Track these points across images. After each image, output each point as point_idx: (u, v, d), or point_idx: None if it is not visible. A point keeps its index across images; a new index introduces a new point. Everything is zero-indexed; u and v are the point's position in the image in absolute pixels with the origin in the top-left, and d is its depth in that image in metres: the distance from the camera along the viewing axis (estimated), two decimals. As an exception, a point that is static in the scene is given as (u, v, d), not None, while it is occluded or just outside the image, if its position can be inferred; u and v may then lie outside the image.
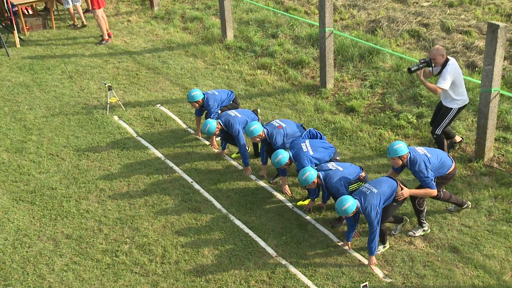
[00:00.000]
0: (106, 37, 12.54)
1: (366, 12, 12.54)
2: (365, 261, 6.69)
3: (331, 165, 7.07)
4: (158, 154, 8.87)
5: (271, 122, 8.12)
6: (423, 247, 6.82)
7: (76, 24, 13.44)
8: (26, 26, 13.12)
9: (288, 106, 9.89)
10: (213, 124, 8.22)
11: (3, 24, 12.90)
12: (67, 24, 13.62)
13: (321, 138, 7.89)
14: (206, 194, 7.98)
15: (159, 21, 13.61)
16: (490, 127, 7.83)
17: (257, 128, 7.83)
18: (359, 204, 6.43)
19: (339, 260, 6.73)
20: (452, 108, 7.75)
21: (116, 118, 9.85)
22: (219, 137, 8.87)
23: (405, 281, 6.41)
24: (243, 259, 6.87)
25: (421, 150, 6.75)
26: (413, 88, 9.74)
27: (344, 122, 9.26)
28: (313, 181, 6.94)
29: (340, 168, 7.00)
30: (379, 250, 6.73)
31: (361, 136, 8.90)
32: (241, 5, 13.65)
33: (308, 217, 7.42)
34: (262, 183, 8.14)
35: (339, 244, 6.96)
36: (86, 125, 9.70)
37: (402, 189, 6.62)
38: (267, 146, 8.06)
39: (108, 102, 9.97)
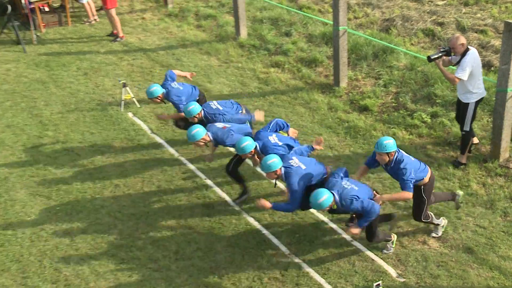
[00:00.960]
0: (121, 34, 12.59)
1: (380, 10, 12.48)
2: (379, 260, 6.65)
3: (294, 162, 6.69)
4: (172, 151, 8.89)
5: (215, 124, 7.63)
6: (437, 247, 6.77)
7: (91, 21, 13.52)
8: (42, 23, 13.19)
9: (302, 104, 9.87)
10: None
11: (20, 21, 12.97)
12: (82, 21, 13.68)
13: (287, 127, 7.62)
14: (219, 191, 7.98)
15: (173, 19, 13.63)
16: (505, 127, 7.76)
17: (199, 131, 7.36)
18: (337, 198, 6.21)
19: (352, 259, 6.71)
20: (469, 103, 7.69)
21: (130, 114, 9.88)
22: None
23: (419, 281, 6.37)
24: (256, 256, 6.87)
25: (404, 152, 6.56)
26: (427, 87, 9.68)
27: (358, 121, 9.22)
28: (275, 171, 6.59)
29: (303, 166, 6.64)
30: (389, 250, 6.71)
31: (374, 135, 8.86)
32: (255, 3, 13.64)
33: (321, 216, 7.40)
34: (275, 180, 8.11)
35: (352, 242, 6.93)
36: (101, 121, 9.74)
37: (375, 196, 6.42)
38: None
39: (123, 99, 10.00)
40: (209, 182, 8.18)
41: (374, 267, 6.57)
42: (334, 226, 7.23)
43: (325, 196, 6.13)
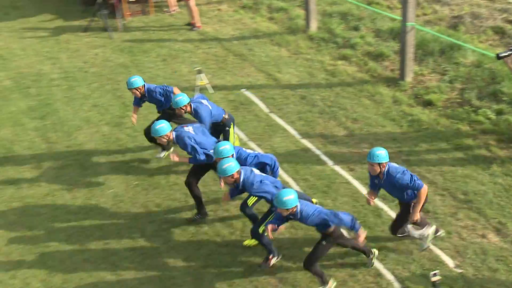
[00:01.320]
0: (199, 24, 12.78)
1: (449, 8, 12.05)
2: (437, 250, 6.50)
3: (257, 171, 6.35)
4: (241, 135, 8.98)
5: (185, 128, 7.14)
6: (497, 241, 6.54)
7: (171, 11, 13.79)
8: (127, 12, 13.58)
9: (367, 96, 9.72)
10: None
11: (108, 10, 13.39)
12: (164, 11, 13.96)
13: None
14: (284, 175, 8.01)
15: (247, 11, 13.68)
16: None
17: (164, 127, 7.02)
18: (299, 208, 5.73)
19: (410, 248, 6.59)
20: None
21: (204, 100, 10.03)
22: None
23: (476, 273, 6.19)
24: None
25: (396, 165, 6.23)
26: (494, 84, 9.30)
27: (422, 115, 9.00)
28: (232, 175, 6.14)
29: (264, 175, 6.32)
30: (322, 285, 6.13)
31: (438, 129, 8.62)
32: (326, -3, 13.48)
33: (382, 204, 7.30)
34: (339, 168, 8.07)
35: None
36: (177, 105, 9.94)
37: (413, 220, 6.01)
38: None
39: (197, 85, 10.17)
40: (275, 166, 8.22)
41: (432, 257, 6.43)
42: (394, 215, 7.12)
43: (292, 196, 5.67)
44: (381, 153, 6.02)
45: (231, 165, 6.14)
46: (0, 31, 13.29)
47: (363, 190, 7.58)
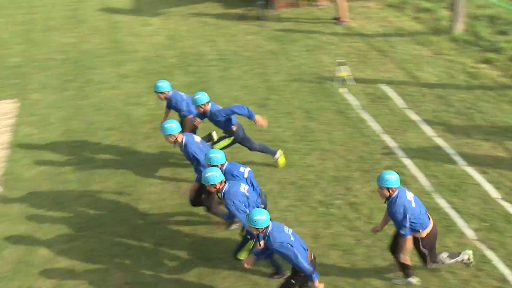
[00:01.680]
0: (346, 19, 12.60)
1: None
2: None
3: (243, 187, 5.87)
4: (376, 127, 8.78)
5: (194, 135, 6.83)
6: None
7: (320, 5, 13.75)
8: (280, 3, 13.80)
9: (508, 102, 8.98)
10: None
11: (264, 1, 13.70)
12: (313, 5, 13.96)
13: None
14: (415, 170, 7.72)
15: (393, 9, 13.22)
16: None
17: (173, 127, 6.66)
18: (269, 229, 5.26)
19: (541, 259, 6.05)
20: None
21: (343, 90, 9.94)
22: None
23: None
24: (441, 235, 6.53)
25: (410, 195, 5.50)
26: None
27: None
28: (214, 185, 5.78)
29: (247, 194, 5.85)
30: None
31: None
32: (475, 0, 12.56)
33: (513, 211, 6.75)
34: (471, 170, 7.59)
35: None
36: (317, 92, 9.97)
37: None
38: None
39: (339, 76, 10.08)
40: (406, 161, 7.94)
41: None
42: (525, 224, 6.57)
43: (263, 217, 5.22)
44: (391, 178, 5.42)
45: (214, 175, 5.78)
46: (172, 15, 14.21)
47: (496, 194, 7.06)
